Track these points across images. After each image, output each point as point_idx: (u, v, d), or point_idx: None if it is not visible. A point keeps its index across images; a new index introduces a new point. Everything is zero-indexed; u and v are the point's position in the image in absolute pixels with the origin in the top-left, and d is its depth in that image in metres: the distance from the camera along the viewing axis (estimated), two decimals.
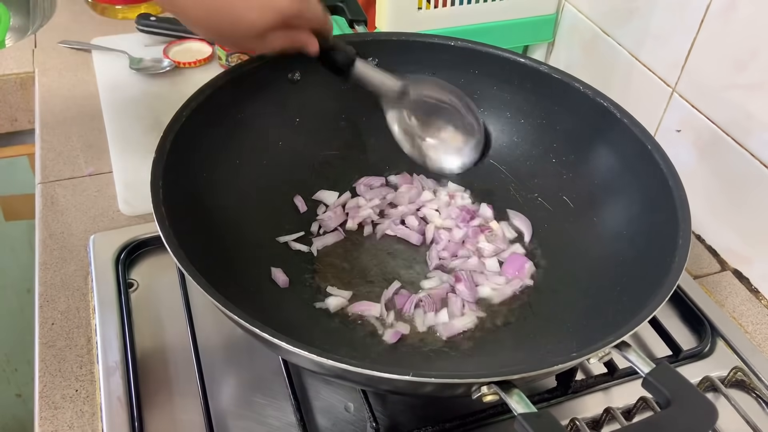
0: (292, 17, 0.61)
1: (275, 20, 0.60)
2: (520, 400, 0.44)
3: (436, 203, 0.80)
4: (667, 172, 0.64)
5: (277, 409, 0.63)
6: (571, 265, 0.71)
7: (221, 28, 0.60)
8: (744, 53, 0.74)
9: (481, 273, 0.73)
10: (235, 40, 0.62)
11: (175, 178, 0.60)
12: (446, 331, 0.67)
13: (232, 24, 0.59)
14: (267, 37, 0.61)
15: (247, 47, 0.64)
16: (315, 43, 0.67)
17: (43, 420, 0.62)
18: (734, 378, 0.69)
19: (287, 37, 0.64)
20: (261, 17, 0.59)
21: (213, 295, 0.50)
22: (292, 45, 0.65)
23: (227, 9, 0.58)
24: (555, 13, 1.03)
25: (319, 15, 0.65)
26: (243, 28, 0.59)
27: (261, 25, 0.59)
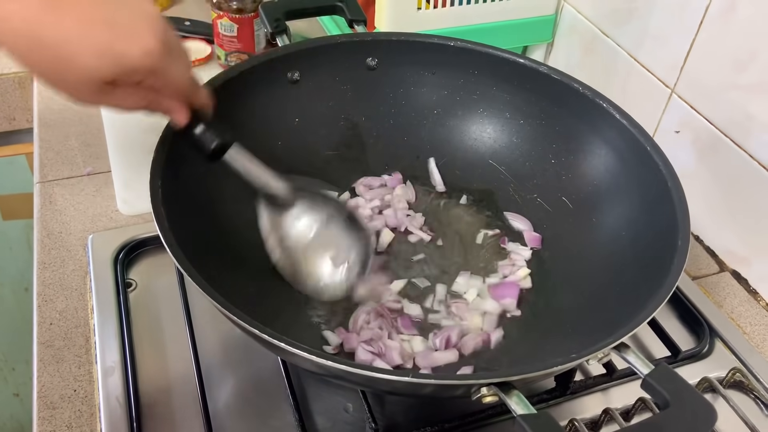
0: (146, 75, 0.49)
1: (117, 73, 0.48)
2: (519, 401, 0.44)
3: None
4: (666, 173, 0.64)
5: (276, 409, 0.63)
6: (570, 266, 0.71)
7: (49, 70, 0.47)
8: (743, 54, 0.74)
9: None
10: (70, 89, 0.49)
11: (173, 179, 0.60)
12: (425, 361, 0.64)
13: (63, 68, 0.47)
14: (112, 92, 0.49)
15: (87, 99, 0.49)
16: (182, 113, 0.56)
17: (41, 420, 0.62)
18: (732, 379, 0.69)
19: (142, 98, 0.52)
20: (98, 65, 0.46)
21: (212, 296, 0.50)
22: (150, 108, 0.54)
23: (55, 46, 0.46)
24: (554, 13, 1.03)
25: (183, 81, 0.54)
26: (75, 74, 0.47)
27: (98, 75, 0.47)
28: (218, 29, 1.00)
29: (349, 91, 0.80)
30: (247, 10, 0.98)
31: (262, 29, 1.01)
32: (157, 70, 0.50)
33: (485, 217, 0.79)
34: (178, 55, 0.52)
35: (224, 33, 1.00)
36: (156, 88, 0.52)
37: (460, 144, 0.82)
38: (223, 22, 0.99)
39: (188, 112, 0.57)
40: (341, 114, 0.81)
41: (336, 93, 0.80)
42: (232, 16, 0.98)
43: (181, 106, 0.56)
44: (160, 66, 0.49)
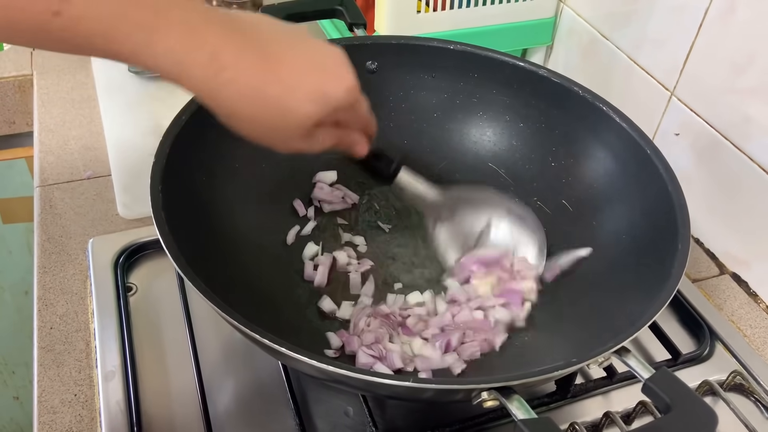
0: (345, 111, 0.54)
1: (327, 113, 0.52)
2: (520, 405, 0.44)
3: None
4: (666, 176, 0.64)
5: (276, 413, 0.63)
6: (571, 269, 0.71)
7: (266, 123, 0.51)
8: (742, 57, 0.74)
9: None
10: (283, 137, 0.53)
11: (174, 182, 0.60)
12: (423, 364, 0.64)
13: (280, 117, 0.51)
14: (316, 134, 0.54)
15: (293, 147, 0.54)
16: (365, 144, 0.62)
17: (42, 424, 0.61)
18: (733, 382, 0.69)
19: (336, 136, 0.57)
20: (313, 109, 0.51)
21: (213, 301, 0.50)
22: (341, 144, 0.59)
23: (275, 100, 0.50)
24: (553, 16, 1.03)
25: (368, 114, 0.60)
26: (293, 122, 0.51)
27: (312, 118, 0.51)
28: None
29: None
30: None
31: None
32: (354, 105, 0.55)
33: None
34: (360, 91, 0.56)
35: None
36: (346, 125, 0.58)
37: (459, 147, 0.82)
38: None
39: (368, 145, 0.62)
40: None
41: None
42: None
43: (363, 138, 0.61)
44: (356, 100, 0.55)
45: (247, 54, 0.48)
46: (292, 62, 0.50)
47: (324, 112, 0.52)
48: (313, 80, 0.51)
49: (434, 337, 0.66)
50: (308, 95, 0.51)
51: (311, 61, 0.51)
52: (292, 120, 0.51)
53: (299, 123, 0.51)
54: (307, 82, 0.51)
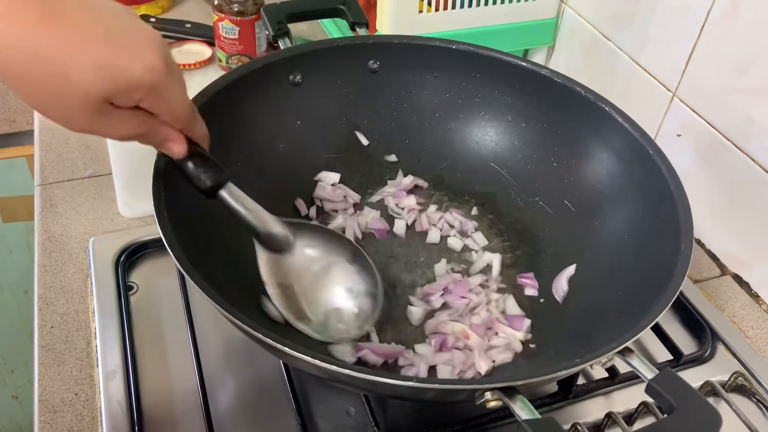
0: (145, 93, 0.47)
1: (117, 90, 0.46)
2: (523, 406, 0.44)
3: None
4: (668, 176, 0.64)
5: (278, 413, 0.63)
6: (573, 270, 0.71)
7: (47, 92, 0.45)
8: (745, 58, 0.74)
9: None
10: (65, 109, 0.46)
11: (176, 181, 0.59)
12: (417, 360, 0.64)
13: (57, 83, 0.44)
14: (109, 114, 0.47)
15: (81, 124, 0.47)
16: (181, 144, 0.53)
17: (42, 424, 0.61)
18: (735, 383, 0.69)
19: (139, 124, 0.50)
20: (97, 80, 0.44)
21: (216, 301, 0.50)
22: (147, 136, 0.51)
23: (54, 62, 0.43)
24: (555, 16, 1.03)
25: (184, 107, 0.52)
26: (73, 93, 0.44)
27: (96, 92, 0.45)
28: (219, 31, 1.00)
29: (351, 93, 0.80)
30: (249, 12, 0.98)
31: (264, 31, 1.01)
32: (158, 89, 0.48)
33: (487, 219, 0.79)
34: (178, 78, 0.50)
35: (225, 35, 1.00)
36: (154, 113, 0.50)
37: (461, 147, 0.82)
38: (224, 25, 0.99)
39: (186, 143, 0.54)
40: (342, 116, 0.81)
41: (337, 95, 0.80)
42: (233, 18, 0.98)
43: (179, 135, 0.54)
44: (162, 85, 0.48)
45: (26, 7, 0.43)
46: (79, 25, 0.44)
47: (112, 90, 0.45)
48: (101, 49, 0.44)
49: (432, 335, 0.67)
50: (92, 64, 0.44)
51: (104, 27, 0.45)
52: (72, 90, 0.44)
53: (80, 95, 0.45)
54: (93, 49, 0.44)
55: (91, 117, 0.46)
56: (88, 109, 0.46)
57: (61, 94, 0.45)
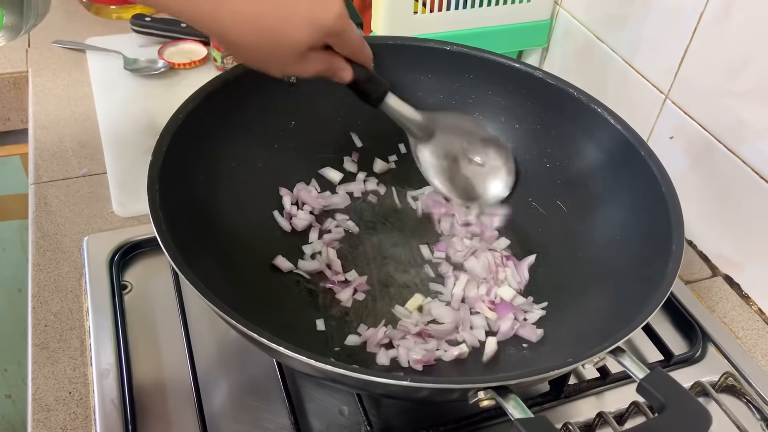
0: (335, 36, 0.60)
1: (319, 38, 0.58)
2: (516, 405, 0.44)
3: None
4: (660, 178, 0.65)
5: (271, 412, 0.63)
6: (565, 270, 0.72)
7: (265, 49, 0.58)
8: (737, 61, 0.75)
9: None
10: (277, 61, 0.59)
11: (171, 181, 0.60)
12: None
13: (277, 43, 0.57)
14: (307, 58, 0.60)
15: (287, 70, 0.60)
16: (350, 71, 0.66)
17: (36, 422, 0.61)
18: (725, 383, 0.69)
19: (326, 61, 0.62)
20: (306, 35, 0.57)
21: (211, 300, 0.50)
22: (330, 69, 0.64)
23: (273, 27, 0.56)
24: (549, 18, 1.04)
25: (358, 40, 0.64)
26: (287, 47, 0.57)
27: (305, 43, 0.58)
28: None
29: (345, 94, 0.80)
30: None
31: None
32: (344, 31, 0.60)
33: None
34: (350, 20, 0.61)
35: None
36: (336, 51, 0.63)
37: None
38: None
39: (352, 70, 0.65)
40: (337, 117, 0.81)
41: (332, 96, 0.80)
42: None
43: (348, 65, 0.65)
44: (346, 26, 0.60)
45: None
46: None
47: (316, 38, 0.58)
48: (305, 9, 0.57)
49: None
50: (303, 21, 0.57)
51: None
52: (288, 45, 0.57)
53: (293, 48, 0.57)
54: (300, 10, 0.56)
55: (299, 62, 0.59)
56: (298, 57, 0.59)
57: (280, 52, 0.58)
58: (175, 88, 1.02)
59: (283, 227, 0.75)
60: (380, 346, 0.65)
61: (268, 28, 0.56)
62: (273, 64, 0.60)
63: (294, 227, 0.76)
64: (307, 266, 0.72)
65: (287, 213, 0.76)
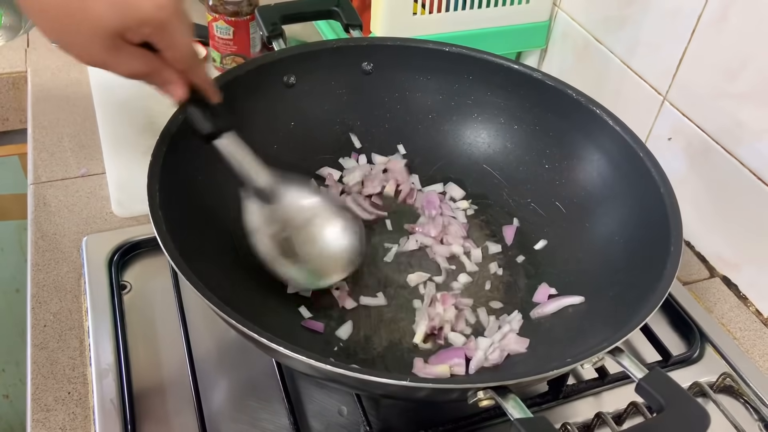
0: (154, 30, 0.51)
1: (129, 24, 0.50)
2: (516, 405, 0.45)
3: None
4: (658, 179, 0.65)
5: (270, 412, 0.63)
6: (564, 271, 0.72)
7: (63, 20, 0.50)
8: (735, 63, 0.75)
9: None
10: (80, 42, 0.51)
11: (171, 182, 0.60)
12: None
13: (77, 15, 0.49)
14: (120, 49, 0.51)
15: (95, 57, 0.51)
16: (180, 88, 0.57)
17: (35, 422, 0.61)
18: (723, 384, 0.69)
19: (146, 62, 0.54)
20: (112, 13, 0.49)
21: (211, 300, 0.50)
22: (152, 75, 0.55)
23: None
24: (548, 20, 1.04)
25: (187, 48, 0.55)
26: (89, 23, 0.49)
27: (110, 25, 0.49)
28: (214, 32, 1.01)
29: (345, 95, 0.81)
30: (243, 13, 0.98)
31: (258, 32, 1.01)
32: (166, 27, 0.51)
33: (479, 221, 0.80)
34: (185, 20, 0.54)
35: (220, 36, 1.00)
36: (159, 49, 0.54)
37: (454, 149, 0.83)
38: (218, 25, 0.99)
39: (187, 88, 0.57)
40: (336, 118, 0.81)
41: (331, 97, 0.80)
42: (227, 18, 0.98)
43: (181, 79, 0.57)
44: (169, 23, 0.51)
45: None
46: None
47: (125, 24, 0.50)
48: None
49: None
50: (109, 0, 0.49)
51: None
52: (90, 22, 0.49)
53: (97, 27, 0.50)
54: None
55: (105, 50, 0.51)
56: (103, 42, 0.50)
57: (80, 27, 0.50)
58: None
59: None
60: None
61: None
62: (74, 44, 0.51)
63: None
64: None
65: None
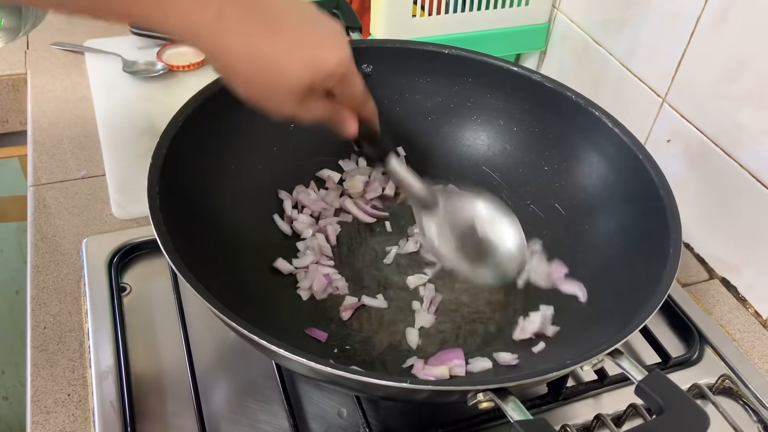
0: (337, 81, 0.57)
1: (319, 80, 0.55)
2: (515, 407, 0.45)
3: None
4: (657, 181, 0.65)
5: (270, 414, 0.63)
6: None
7: (264, 85, 0.55)
8: (733, 64, 0.75)
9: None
10: (274, 99, 0.56)
11: (171, 184, 0.60)
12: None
13: (274, 78, 0.54)
14: (307, 101, 0.57)
15: (286, 111, 0.57)
16: (354, 124, 0.63)
17: (35, 424, 0.61)
18: (722, 385, 0.69)
19: (327, 108, 0.60)
20: (305, 74, 0.54)
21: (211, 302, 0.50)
22: (331, 118, 0.61)
23: (272, 61, 0.53)
24: (547, 22, 1.04)
25: (362, 91, 0.62)
26: (284, 83, 0.54)
27: (304, 82, 0.54)
28: None
29: None
30: None
31: None
32: (347, 76, 0.58)
33: None
34: (356, 68, 0.59)
35: None
36: (339, 98, 0.60)
37: (453, 150, 0.83)
38: None
39: (357, 123, 0.64)
40: None
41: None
42: None
43: (353, 116, 0.63)
44: (349, 73, 0.57)
45: (251, 16, 0.51)
46: (292, 29, 0.53)
47: (315, 79, 0.54)
48: (309, 47, 0.54)
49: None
50: (303, 60, 0.53)
51: (310, 30, 0.55)
52: (285, 82, 0.54)
53: (291, 86, 0.54)
54: (303, 48, 0.54)
55: (297, 103, 0.56)
56: (296, 97, 0.55)
57: (278, 88, 0.55)
58: (174, 91, 1.02)
59: (284, 230, 0.75)
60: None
61: (267, 60, 0.53)
62: (270, 101, 0.56)
63: (295, 230, 0.76)
64: (302, 262, 0.73)
65: (288, 217, 0.76)
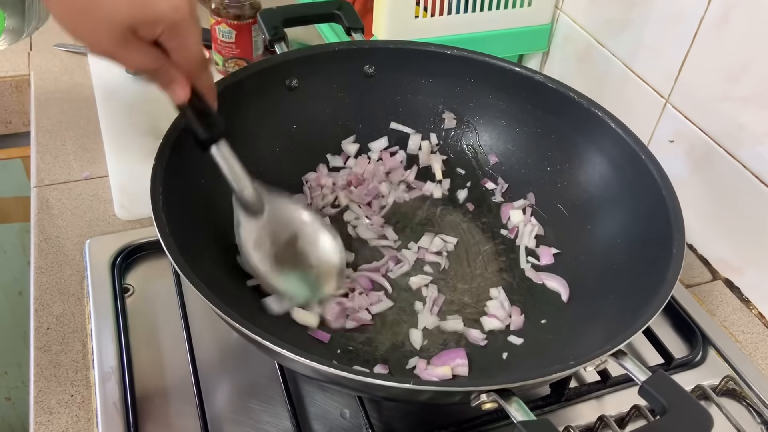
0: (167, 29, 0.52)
1: (142, 21, 0.50)
2: (519, 407, 0.45)
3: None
4: (660, 182, 0.65)
5: (272, 414, 0.63)
6: (566, 273, 0.72)
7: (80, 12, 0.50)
8: (736, 66, 0.75)
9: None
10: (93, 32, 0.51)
11: (174, 184, 0.60)
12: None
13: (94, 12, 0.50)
14: (130, 44, 0.52)
15: (105, 48, 0.52)
16: (184, 89, 0.57)
17: (38, 425, 0.61)
18: (725, 387, 0.69)
19: (154, 60, 0.54)
20: (128, 9, 0.49)
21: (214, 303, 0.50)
22: (159, 72, 0.55)
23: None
24: (550, 22, 1.04)
25: (199, 54, 0.56)
26: (102, 15, 0.50)
27: (123, 19, 0.50)
28: (216, 35, 1.01)
29: (347, 98, 0.81)
30: (246, 16, 0.98)
31: (260, 35, 1.01)
32: (178, 28, 0.52)
33: (481, 224, 0.80)
34: (197, 24, 0.55)
35: (222, 39, 1.00)
36: (169, 49, 0.54)
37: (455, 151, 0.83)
38: (221, 28, 0.99)
39: (190, 90, 0.57)
40: (338, 121, 0.82)
41: (333, 100, 0.80)
42: (230, 22, 0.98)
43: (185, 81, 0.57)
44: (182, 25, 0.52)
45: None
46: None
47: (138, 20, 0.51)
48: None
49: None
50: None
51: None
52: (102, 15, 0.50)
53: (110, 19, 0.50)
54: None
55: (116, 42, 0.51)
56: (115, 35, 0.51)
57: (95, 18, 0.50)
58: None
59: None
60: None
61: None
62: (86, 33, 0.52)
63: None
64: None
65: None
